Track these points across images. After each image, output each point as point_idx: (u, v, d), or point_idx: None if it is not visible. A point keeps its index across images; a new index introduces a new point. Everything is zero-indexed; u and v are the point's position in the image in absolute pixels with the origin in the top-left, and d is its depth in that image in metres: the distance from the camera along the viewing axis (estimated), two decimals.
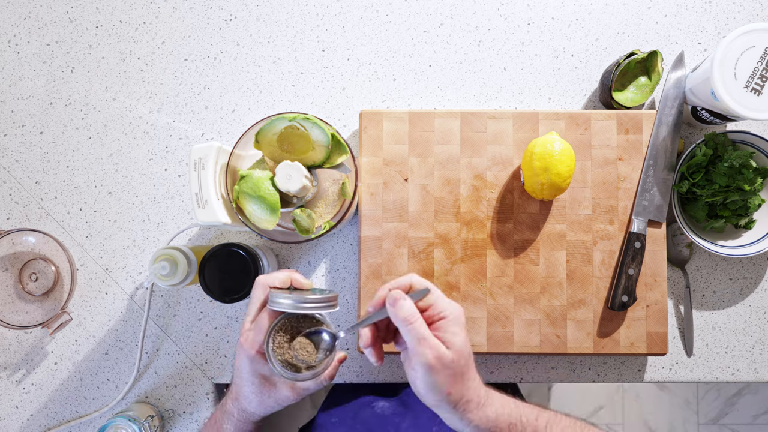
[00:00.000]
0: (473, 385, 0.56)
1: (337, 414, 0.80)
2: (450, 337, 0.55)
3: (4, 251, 0.87)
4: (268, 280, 0.64)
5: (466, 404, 0.55)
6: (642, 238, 0.81)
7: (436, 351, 0.54)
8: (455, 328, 0.56)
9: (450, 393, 0.54)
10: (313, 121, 0.74)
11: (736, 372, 0.87)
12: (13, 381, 0.88)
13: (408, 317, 0.54)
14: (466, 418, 0.56)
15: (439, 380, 0.54)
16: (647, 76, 0.86)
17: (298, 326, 0.62)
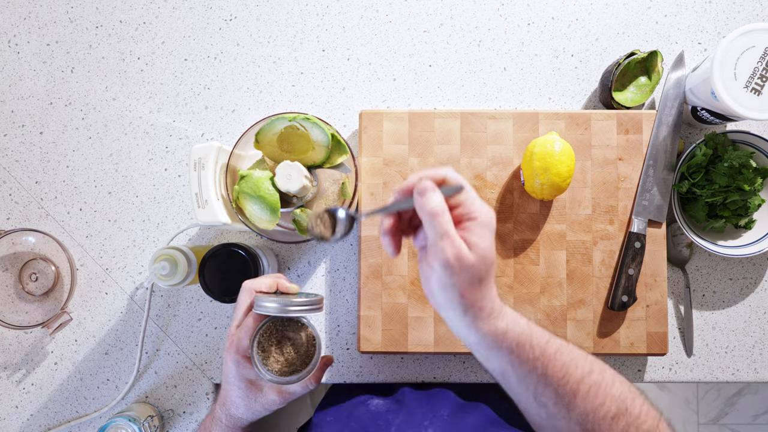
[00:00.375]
0: (489, 294, 0.53)
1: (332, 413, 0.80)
2: (476, 239, 0.51)
3: (4, 251, 0.87)
4: (254, 285, 0.64)
5: (478, 311, 0.52)
6: (642, 238, 0.81)
7: (457, 250, 0.50)
8: (483, 231, 0.51)
9: (463, 296, 0.51)
10: (313, 121, 0.74)
11: (736, 372, 0.87)
12: (13, 381, 0.88)
13: (435, 209, 0.50)
14: (474, 325, 0.53)
15: (454, 281, 0.50)
16: (647, 76, 0.86)
17: (283, 330, 0.62)
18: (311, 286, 0.87)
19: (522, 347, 0.53)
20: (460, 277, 0.50)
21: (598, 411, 0.52)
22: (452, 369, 0.87)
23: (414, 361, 0.87)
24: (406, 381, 0.87)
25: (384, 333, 0.82)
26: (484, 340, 0.53)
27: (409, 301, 0.82)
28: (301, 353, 0.63)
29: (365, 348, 0.82)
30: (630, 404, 0.53)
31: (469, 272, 0.50)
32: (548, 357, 0.53)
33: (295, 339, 0.63)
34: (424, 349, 0.82)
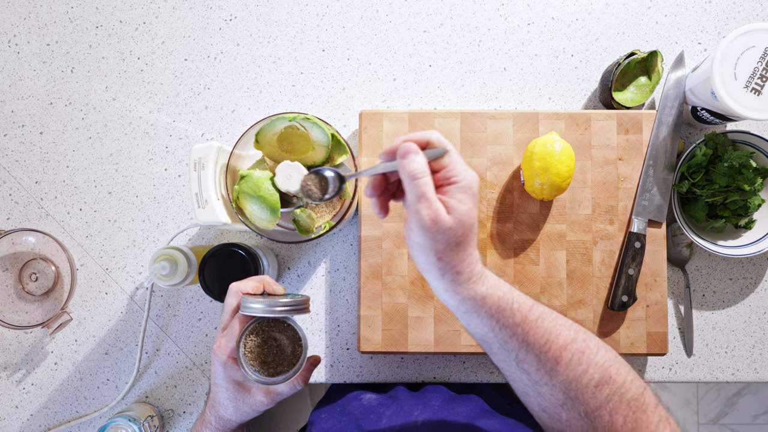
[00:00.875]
0: (468, 259, 0.52)
1: (326, 410, 0.81)
2: (455, 203, 0.51)
3: (4, 251, 0.87)
4: (240, 287, 0.64)
5: (456, 275, 0.52)
6: (642, 238, 0.81)
7: (434, 213, 0.50)
8: (463, 195, 0.51)
9: (441, 259, 0.51)
10: (313, 121, 0.74)
11: (736, 372, 0.87)
12: (13, 381, 0.88)
13: (415, 172, 0.50)
14: (453, 288, 0.52)
15: (431, 244, 0.50)
16: (647, 76, 0.86)
17: (269, 331, 0.63)
18: (311, 286, 0.87)
19: (502, 312, 0.53)
20: (436, 240, 0.50)
21: (581, 378, 0.52)
22: (452, 369, 0.87)
23: (414, 361, 0.87)
24: (406, 381, 0.87)
25: (384, 333, 0.82)
26: (462, 304, 0.53)
27: (409, 301, 0.82)
28: (287, 354, 0.63)
29: (365, 348, 0.82)
30: (614, 372, 0.53)
31: (446, 235, 0.50)
32: (530, 323, 0.53)
33: (281, 340, 0.63)
34: (424, 349, 0.82)
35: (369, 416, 0.75)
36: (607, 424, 0.52)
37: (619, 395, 0.52)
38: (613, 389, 0.52)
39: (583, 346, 0.53)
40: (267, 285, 0.65)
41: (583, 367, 0.52)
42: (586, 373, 0.52)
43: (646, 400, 0.53)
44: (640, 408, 0.52)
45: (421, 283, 0.82)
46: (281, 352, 0.63)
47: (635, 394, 0.52)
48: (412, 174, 0.50)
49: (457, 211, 0.50)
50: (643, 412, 0.52)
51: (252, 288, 0.64)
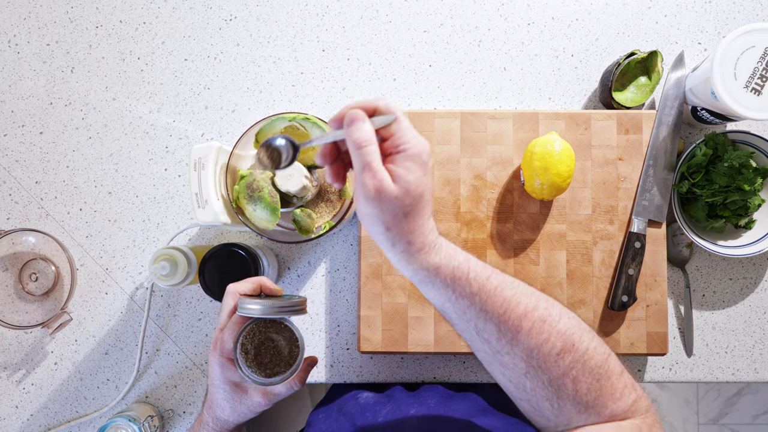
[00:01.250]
0: (420, 229, 0.51)
1: (324, 410, 0.81)
2: (402, 172, 0.49)
3: (4, 251, 0.87)
4: (238, 288, 0.64)
5: (407, 245, 0.51)
6: (642, 238, 0.81)
7: (378, 183, 0.48)
8: (411, 164, 0.49)
9: (389, 229, 0.50)
10: (313, 121, 0.74)
11: (736, 372, 0.87)
12: (13, 381, 0.88)
13: (360, 140, 0.48)
14: (405, 258, 0.51)
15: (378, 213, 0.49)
16: (647, 76, 0.86)
17: (266, 331, 0.63)
18: (311, 286, 0.87)
19: (457, 281, 0.52)
20: (383, 209, 0.49)
21: (543, 347, 0.51)
22: (452, 369, 0.87)
23: (414, 361, 0.87)
24: (406, 381, 0.87)
25: (384, 333, 0.82)
26: (416, 275, 0.52)
27: (409, 301, 0.82)
28: (284, 354, 0.63)
29: (365, 348, 0.82)
30: (577, 340, 0.52)
31: (392, 204, 0.49)
32: (488, 292, 0.52)
33: (278, 340, 0.63)
34: (424, 349, 0.82)
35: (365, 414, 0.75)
36: (570, 392, 0.51)
37: (582, 362, 0.51)
38: (575, 357, 0.51)
39: (545, 314, 0.53)
40: (264, 286, 0.65)
41: (544, 336, 0.52)
42: (547, 341, 0.52)
43: (610, 367, 0.52)
44: (604, 375, 0.52)
45: None
46: (278, 353, 0.63)
47: (599, 361, 0.52)
48: (357, 143, 0.48)
49: (403, 179, 0.49)
50: (607, 379, 0.52)
51: (249, 289, 0.64)
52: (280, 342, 0.63)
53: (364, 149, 0.48)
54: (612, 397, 0.52)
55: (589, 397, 0.51)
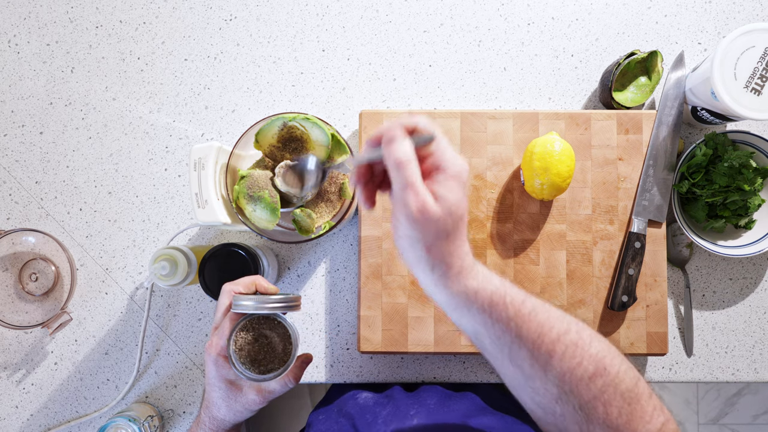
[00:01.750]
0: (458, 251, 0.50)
1: (324, 411, 0.81)
2: (443, 191, 0.48)
3: (4, 251, 0.87)
4: (233, 287, 0.64)
5: (447, 269, 0.50)
6: (642, 238, 0.81)
7: (422, 202, 0.47)
8: (452, 183, 0.48)
9: (429, 251, 0.49)
10: (313, 121, 0.74)
11: (736, 372, 0.87)
12: (13, 381, 0.88)
13: (401, 159, 0.47)
14: (443, 283, 0.50)
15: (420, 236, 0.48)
16: (647, 76, 0.86)
17: (260, 328, 0.63)
18: (311, 286, 0.87)
19: (495, 306, 0.51)
20: (425, 231, 0.48)
21: (575, 371, 0.51)
22: (452, 369, 0.87)
23: (414, 361, 0.87)
24: (406, 381, 0.87)
25: (384, 333, 0.82)
26: (452, 300, 0.51)
27: (409, 301, 0.82)
28: (278, 351, 0.63)
29: (365, 348, 0.82)
30: (608, 363, 0.51)
31: (435, 226, 0.47)
32: (523, 317, 0.51)
33: (272, 337, 0.63)
34: (424, 349, 0.82)
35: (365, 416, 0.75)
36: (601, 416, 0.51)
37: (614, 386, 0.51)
38: (607, 381, 0.51)
39: (576, 337, 0.52)
40: (259, 285, 0.65)
41: (577, 360, 0.51)
42: (580, 365, 0.51)
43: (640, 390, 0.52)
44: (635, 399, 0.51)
45: None
46: (272, 350, 0.63)
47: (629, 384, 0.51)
48: (398, 161, 0.47)
49: (445, 200, 0.48)
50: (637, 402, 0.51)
51: (244, 287, 0.64)
52: (273, 339, 0.63)
53: (405, 168, 0.47)
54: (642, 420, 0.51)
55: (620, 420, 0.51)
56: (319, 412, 0.81)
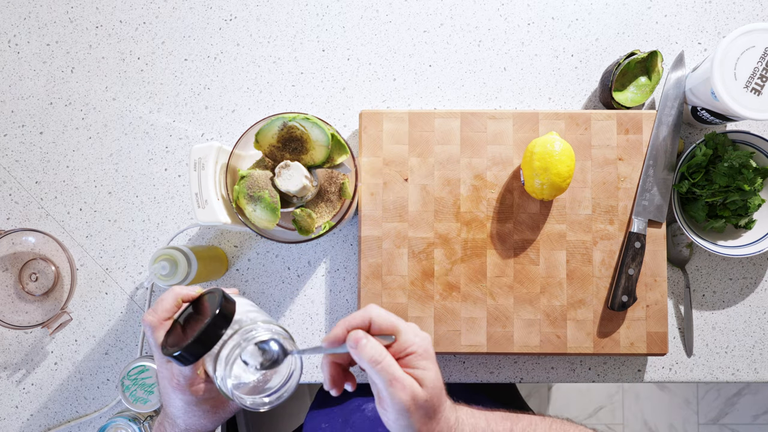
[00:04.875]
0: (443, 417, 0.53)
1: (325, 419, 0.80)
2: (421, 373, 0.50)
3: (4, 251, 0.87)
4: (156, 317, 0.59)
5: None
6: (642, 238, 0.81)
7: (410, 392, 0.49)
8: (425, 363, 0.51)
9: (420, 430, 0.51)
10: (313, 121, 0.74)
11: (736, 372, 0.87)
12: (13, 381, 0.88)
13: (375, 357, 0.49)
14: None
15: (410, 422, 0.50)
16: (647, 76, 0.86)
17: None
18: (311, 286, 0.87)
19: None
20: (415, 416, 0.50)
21: None
22: (452, 369, 0.87)
23: None
24: None
25: None
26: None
27: (409, 301, 0.82)
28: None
29: None
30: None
31: (424, 408, 0.50)
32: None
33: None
34: None
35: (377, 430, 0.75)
36: None
37: None
38: None
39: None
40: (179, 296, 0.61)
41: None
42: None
43: None
44: None
45: (421, 283, 0.82)
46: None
47: None
48: (372, 359, 0.49)
49: (427, 379, 0.50)
50: None
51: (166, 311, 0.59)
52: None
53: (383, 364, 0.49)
54: None
55: None
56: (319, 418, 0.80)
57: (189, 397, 0.59)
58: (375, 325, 0.51)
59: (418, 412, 0.50)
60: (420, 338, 0.52)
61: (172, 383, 0.59)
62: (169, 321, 0.60)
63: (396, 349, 0.51)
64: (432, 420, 0.51)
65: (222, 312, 0.53)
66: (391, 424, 0.52)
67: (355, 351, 0.49)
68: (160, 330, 0.59)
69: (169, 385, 0.60)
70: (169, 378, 0.59)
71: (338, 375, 0.54)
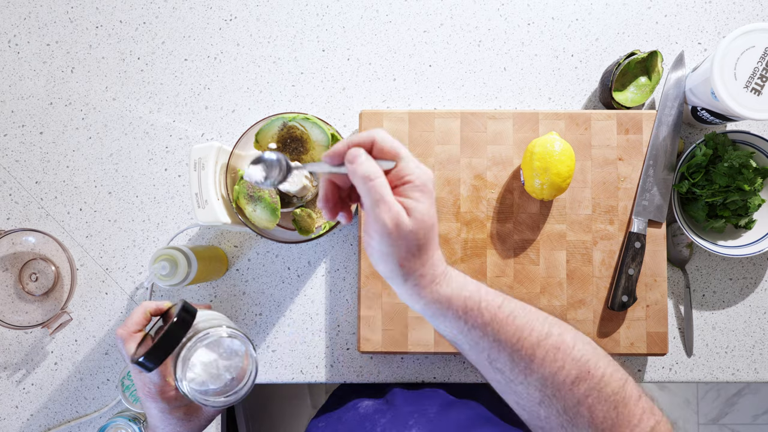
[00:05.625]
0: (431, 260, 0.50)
1: (324, 419, 0.80)
2: (412, 203, 0.47)
3: (4, 251, 0.87)
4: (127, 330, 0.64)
5: (419, 278, 0.49)
6: (642, 238, 0.81)
7: (395, 217, 0.46)
8: (419, 194, 0.48)
9: (402, 265, 0.48)
10: (312, 121, 0.74)
11: (736, 372, 0.87)
12: (13, 381, 0.88)
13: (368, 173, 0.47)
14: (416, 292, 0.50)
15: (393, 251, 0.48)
16: (647, 76, 0.86)
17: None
18: (311, 286, 0.87)
19: (470, 312, 0.50)
20: (397, 245, 0.47)
21: (557, 375, 0.50)
22: (452, 369, 0.87)
23: (414, 361, 0.87)
24: (406, 381, 0.87)
25: (384, 333, 0.82)
26: (427, 308, 0.51)
27: None
28: None
29: (365, 348, 0.82)
30: (592, 367, 0.51)
31: (407, 239, 0.47)
32: (500, 321, 0.51)
33: None
34: (424, 349, 0.82)
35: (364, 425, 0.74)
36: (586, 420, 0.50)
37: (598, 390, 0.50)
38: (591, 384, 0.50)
39: (558, 341, 0.51)
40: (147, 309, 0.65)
41: (558, 364, 0.50)
42: (562, 369, 0.50)
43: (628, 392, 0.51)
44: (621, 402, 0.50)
45: None
46: None
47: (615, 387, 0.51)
48: (365, 176, 0.47)
49: (416, 211, 0.47)
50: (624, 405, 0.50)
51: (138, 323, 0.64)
52: None
53: (374, 182, 0.47)
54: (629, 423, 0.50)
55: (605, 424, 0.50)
56: (318, 420, 0.81)
57: (162, 404, 0.63)
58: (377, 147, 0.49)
59: (400, 242, 0.47)
60: (421, 170, 0.49)
61: (144, 391, 0.63)
62: (140, 333, 0.64)
63: (394, 175, 0.49)
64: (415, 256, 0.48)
65: (180, 318, 0.58)
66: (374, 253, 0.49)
67: (351, 167, 0.48)
68: (130, 342, 0.63)
69: (143, 394, 0.63)
70: (142, 387, 0.63)
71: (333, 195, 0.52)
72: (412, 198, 0.48)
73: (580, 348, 0.51)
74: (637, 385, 0.52)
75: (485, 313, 0.51)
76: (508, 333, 0.51)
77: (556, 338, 0.51)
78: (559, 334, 0.52)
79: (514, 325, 0.51)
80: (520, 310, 0.52)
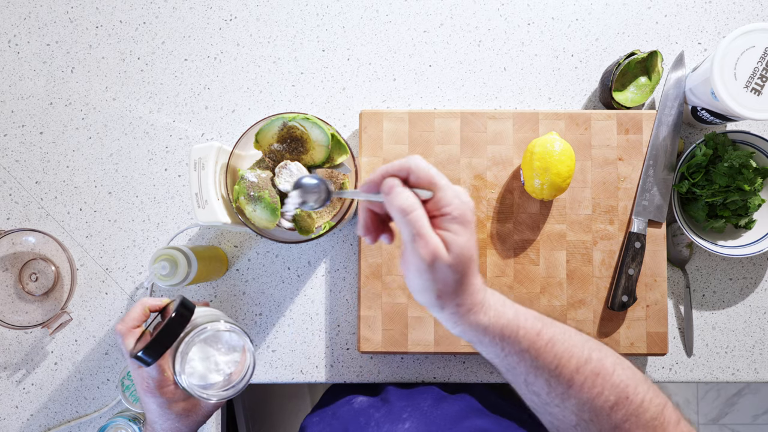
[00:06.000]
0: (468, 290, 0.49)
1: (318, 414, 0.80)
2: (450, 236, 0.46)
3: (4, 251, 0.87)
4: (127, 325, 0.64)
5: (456, 308, 0.49)
6: (642, 238, 0.81)
7: (433, 252, 0.45)
8: (458, 227, 0.47)
9: (440, 297, 0.48)
10: (313, 121, 0.74)
11: (736, 372, 0.87)
12: (13, 381, 0.88)
13: (405, 206, 0.46)
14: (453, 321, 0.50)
15: (430, 284, 0.47)
16: (647, 76, 0.86)
17: None
18: (311, 286, 0.87)
19: (506, 340, 0.50)
20: (436, 279, 0.47)
21: (596, 401, 0.50)
22: (452, 369, 0.87)
23: (414, 361, 0.87)
24: (406, 381, 0.87)
25: (384, 333, 0.82)
26: (464, 334, 0.51)
27: (409, 301, 0.82)
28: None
29: (365, 348, 0.82)
30: (631, 392, 0.50)
31: (445, 273, 0.47)
32: (538, 349, 0.50)
33: None
34: (424, 349, 0.82)
35: (358, 419, 0.75)
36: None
37: (636, 416, 0.50)
38: (629, 410, 0.50)
39: (598, 366, 0.51)
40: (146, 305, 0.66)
41: (597, 390, 0.50)
42: (600, 395, 0.50)
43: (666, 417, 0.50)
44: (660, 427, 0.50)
45: None
46: None
47: (654, 413, 0.50)
48: (402, 209, 0.46)
49: (455, 245, 0.46)
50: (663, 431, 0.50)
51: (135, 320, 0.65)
52: None
53: (410, 216, 0.46)
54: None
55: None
56: (313, 416, 0.81)
57: (161, 399, 0.63)
58: (413, 175, 0.48)
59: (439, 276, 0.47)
60: (459, 200, 0.47)
61: (143, 387, 0.63)
62: (139, 329, 0.65)
63: (432, 206, 0.48)
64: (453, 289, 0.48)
65: (178, 313, 0.59)
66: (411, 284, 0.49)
67: (387, 198, 0.47)
68: (129, 337, 0.63)
69: (142, 390, 0.64)
70: (141, 382, 0.64)
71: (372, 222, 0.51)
72: (450, 231, 0.47)
73: (620, 373, 0.51)
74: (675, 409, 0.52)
75: (522, 341, 0.50)
76: (547, 360, 0.50)
77: (596, 364, 0.51)
78: (599, 359, 0.51)
79: (552, 352, 0.50)
80: (560, 335, 0.52)
